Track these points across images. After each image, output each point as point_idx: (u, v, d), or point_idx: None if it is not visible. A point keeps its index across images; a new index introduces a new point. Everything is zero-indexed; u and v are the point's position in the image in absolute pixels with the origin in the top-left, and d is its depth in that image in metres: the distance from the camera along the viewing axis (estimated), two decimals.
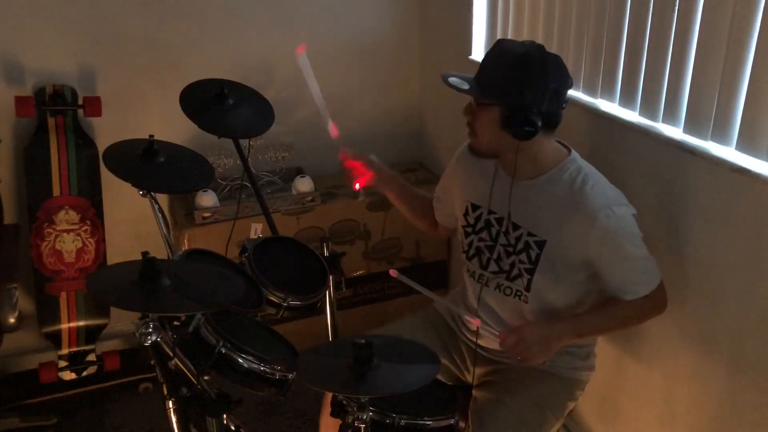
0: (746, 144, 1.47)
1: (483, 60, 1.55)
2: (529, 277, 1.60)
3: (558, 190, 1.56)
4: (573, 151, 1.62)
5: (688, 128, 1.62)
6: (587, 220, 1.50)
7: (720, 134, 1.53)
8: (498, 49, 1.54)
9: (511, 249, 1.63)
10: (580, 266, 1.58)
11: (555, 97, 1.50)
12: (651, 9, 1.66)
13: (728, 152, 1.52)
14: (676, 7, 1.58)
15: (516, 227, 1.62)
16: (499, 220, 1.65)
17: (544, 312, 1.64)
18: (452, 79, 1.51)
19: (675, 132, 1.66)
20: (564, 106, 1.54)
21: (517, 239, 1.61)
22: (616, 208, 1.52)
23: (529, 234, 1.59)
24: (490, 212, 1.67)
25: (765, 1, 1.37)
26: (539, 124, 1.47)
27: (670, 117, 1.67)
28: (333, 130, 1.78)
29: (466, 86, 1.51)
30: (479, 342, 1.74)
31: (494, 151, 1.59)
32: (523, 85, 1.47)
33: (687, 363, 1.71)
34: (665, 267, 1.68)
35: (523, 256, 1.60)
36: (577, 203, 1.53)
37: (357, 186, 1.83)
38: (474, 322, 1.61)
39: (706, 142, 1.57)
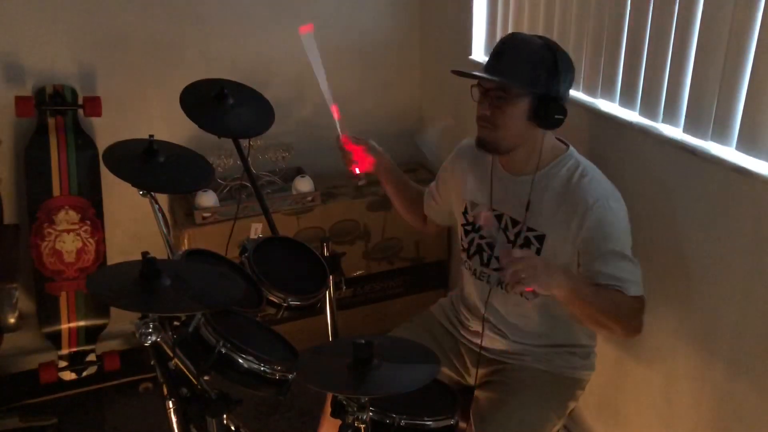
0: (746, 144, 1.47)
1: (501, 52, 1.53)
2: None
3: (556, 184, 1.57)
4: (571, 147, 1.63)
5: (688, 128, 1.62)
6: (583, 210, 1.51)
7: (720, 134, 1.53)
8: (518, 41, 1.54)
9: (510, 245, 1.63)
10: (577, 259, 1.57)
11: (567, 90, 1.54)
12: (651, 9, 1.66)
13: (728, 152, 1.52)
14: (676, 7, 1.59)
15: (515, 223, 1.63)
16: (499, 217, 1.66)
17: (547, 308, 1.64)
18: (477, 73, 1.51)
19: (675, 132, 1.66)
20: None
21: (517, 235, 1.62)
22: (613, 202, 1.53)
23: (529, 229, 1.60)
24: (490, 209, 1.67)
25: (765, 1, 1.37)
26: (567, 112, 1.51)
27: (670, 117, 1.67)
28: (335, 112, 1.79)
29: (495, 78, 1.49)
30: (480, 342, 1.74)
31: (514, 145, 1.56)
32: (551, 75, 1.49)
33: (687, 363, 1.71)
34: (665, 267, 1.69)
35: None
36: (575, 196, 1.53)
37: (357, 170, 1.84)
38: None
39: (706, 142, 1.57)
